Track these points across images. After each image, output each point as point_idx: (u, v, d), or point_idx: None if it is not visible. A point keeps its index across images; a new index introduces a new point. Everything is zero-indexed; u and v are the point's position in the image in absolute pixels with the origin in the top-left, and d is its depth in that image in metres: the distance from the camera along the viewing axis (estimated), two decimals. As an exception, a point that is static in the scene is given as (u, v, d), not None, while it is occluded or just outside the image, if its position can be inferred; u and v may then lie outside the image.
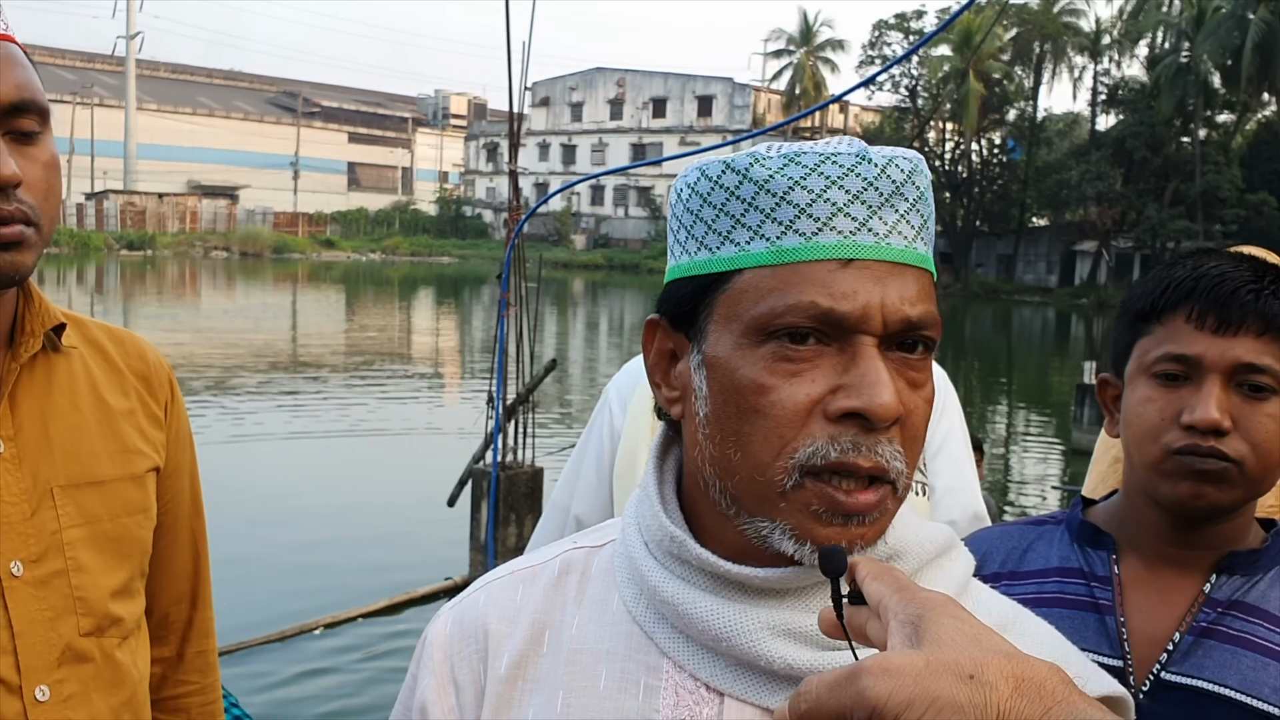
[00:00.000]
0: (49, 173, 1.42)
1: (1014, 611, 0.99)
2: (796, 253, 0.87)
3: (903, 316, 0.86)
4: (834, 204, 0.87)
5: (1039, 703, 0.60)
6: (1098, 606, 1.41)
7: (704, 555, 0.92)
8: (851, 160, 0.88)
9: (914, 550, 0.95)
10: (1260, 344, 1.33)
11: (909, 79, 58.46)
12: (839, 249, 0.86)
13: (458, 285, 49.43)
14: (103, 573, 1.51)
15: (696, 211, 0.92)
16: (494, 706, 0.97)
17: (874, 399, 0.83)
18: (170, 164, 69.38)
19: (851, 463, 0.84)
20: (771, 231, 0.87)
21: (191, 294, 39.73)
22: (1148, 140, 50.18)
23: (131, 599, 1.57)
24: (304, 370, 20.88)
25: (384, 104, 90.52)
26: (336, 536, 9.43)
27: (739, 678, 0.90)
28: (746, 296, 0.88)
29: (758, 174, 0.88)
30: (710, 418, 0.91)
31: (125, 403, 1.59)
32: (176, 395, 1.69)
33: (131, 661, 1.56)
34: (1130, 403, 1.42)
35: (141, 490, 1.57)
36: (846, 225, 0.86)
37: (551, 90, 74.91)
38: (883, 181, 0.88)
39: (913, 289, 0.88)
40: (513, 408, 8.15)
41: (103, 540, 1.51)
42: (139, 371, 1.63)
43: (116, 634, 1.53)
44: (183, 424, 1.69)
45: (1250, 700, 1.30)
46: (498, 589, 1.04)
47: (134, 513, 1.55)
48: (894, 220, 0.88)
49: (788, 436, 0.86)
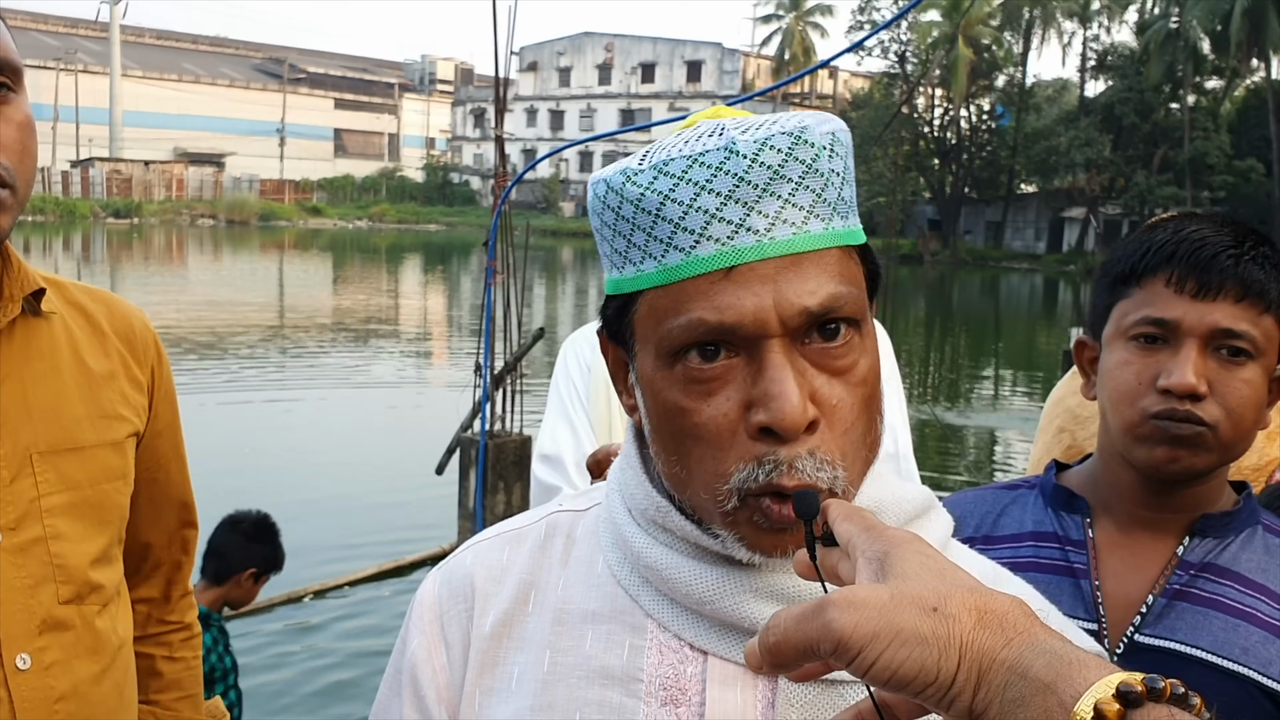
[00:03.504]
0: (23, 133, 1.41)
1: (994, 572, 1.01)
2: (680, 270, 0.85)
3: (800, 310, 0.83)
4: (706, 211, 0.84)
5: (1001, 634, 0.61)
6: (1072, 570, 1.43)
7: (687, 527, 0.92)
8: (719, 158, 0.84)
9: (891, 510, 0.95)
10: (1239, 309, 1.33)
11: (898, 44, 58.18)
12: (718, 259, 0.84)
13: (445, 253, 49.22)
14: (82, 540, 1.50)
15: (599, 229, 0.92)
16: (479, 664, 0.98)
17: (778, 414, 0.82)
18: (156, 131, 68.83)
19: (777, 484, 0.83)
20: (656, 250, 0.86)
21: (178, 262, 39.52)
22: (1137, 106, 50.08)
23: (110, 565, 1.57)
24: (290, 339, 20.82)
25: (370, 70, 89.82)
26: (324, 504, 9.42)
27: (723, 637, 0.91)
28: (650, 319, 0.88)
29: (631, 193, 0.87)
30: (654, 435, 0.92)
31: (107, 365, 1.58)
32: (163, 357, 1.68)
33: (112, 628, 1.56)
34: (1107, 365, 1.42)
35: (121, 456, 1.57)
36: (722, 231, 0.83)
37: (539, 55, 74.40)
38: (756, 171, 0.83)
39: (811, 277, 0.84)
40: (500, 376, 8.14)
41: (83, 507, 1.50)
42: (123, 334, 1.62)
43: (96, 601, 1.53)
44: (170, 386, 1.69)
45: (1222, 661, 1.32)
46: (485, 549, 1.05)
47: (114, 479, 1.55)
48: (776, 208, 0.84)
49: (721, 460, 0.85)
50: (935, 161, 58.39)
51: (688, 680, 0.92)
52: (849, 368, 0.87)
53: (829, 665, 0.67)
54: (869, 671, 0.62)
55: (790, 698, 0.89)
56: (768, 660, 0.67)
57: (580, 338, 2.44)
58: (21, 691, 1.42)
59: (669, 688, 0.92)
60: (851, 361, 0.87)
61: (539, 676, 0.95)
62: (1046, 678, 0.58)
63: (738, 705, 0.90)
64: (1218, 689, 1.30)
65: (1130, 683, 0.57)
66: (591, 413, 2.32)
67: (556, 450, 2.34)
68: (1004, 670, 0.60)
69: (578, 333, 2.48)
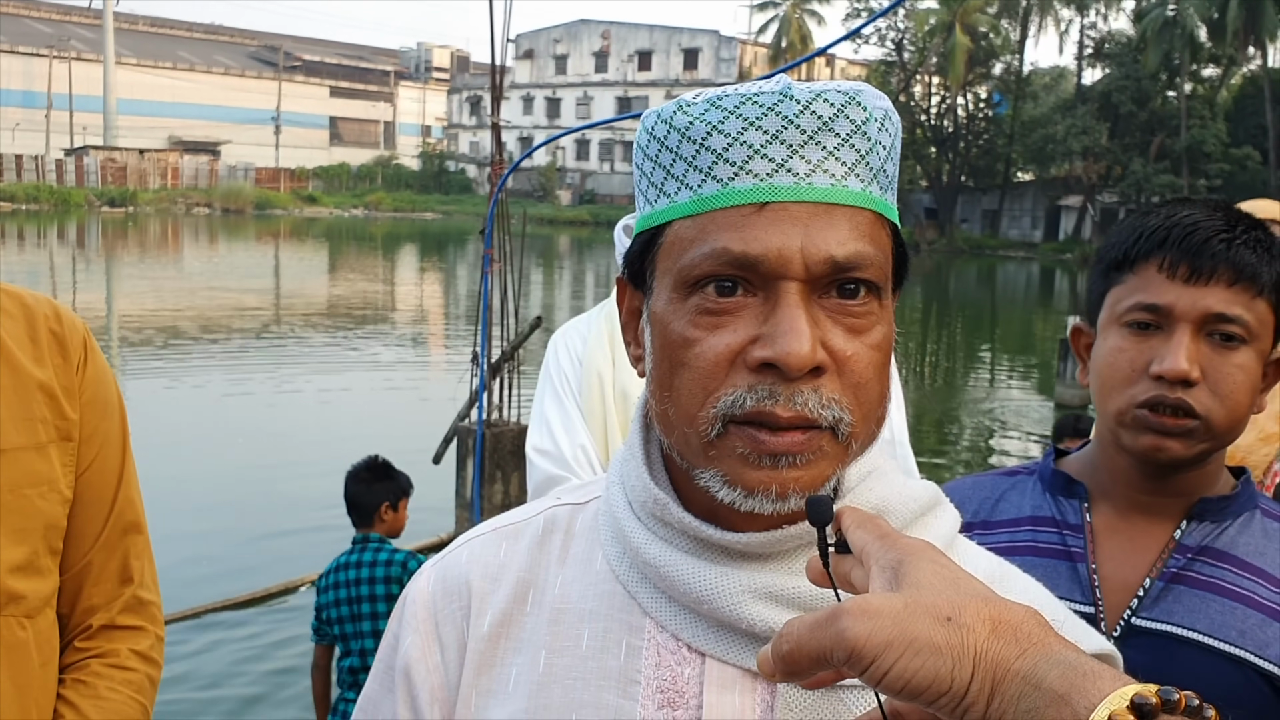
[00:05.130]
0: None
1: (1000, 568, 1.00)
2: (714, 200, 0.84)
3: (826, 257, 0.82)
4: (750, 146, 0.84)
5: (1015, 644, 0.60)
6: (1070, 554, 1.43)
7: (686, 519, 0.91)
8: (773, 99, 0.84)
9: (898, 508, 0.94)
10: (1231, 294, 1.33)
11: (895, 32, 58.07)
12: (754, 193, 0.83)
13: (441, 242, 49.15)
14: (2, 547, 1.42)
15: (640, 164, 0.92)
16: (476, 666, 0.96)
17: (784, 348, 0.80)
18: (151, 119, 68.62)
19: (769, 411, 0.82)
20: (694, 180, 0.86)
21: (174, 251, 39.45)
22: (1133, 94, 50.05)
23: (36, 576, 1.47)
24: (287, 328, 20.80)
25: (366, 57, 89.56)
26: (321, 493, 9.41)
27: (720, 639, 0.90)
28: (674, 249, 0.87)
29: (680, 121, 0.86)
30: (653, 374, 0.90)
31: (40, 372, 1.50)
32: (92, 358, 1.57)
33: (35, 643, 1.47)
34: (1100, 352, 1.42)
35: (45, 461, 1.48)
36: (763, 167, 0.83)
37: (535, 42, 74.24)
38: (805, 118, 0.84)
39: (843, 229, 0.84)
40: (498, 365, 8.14)
41: (2, 512, 1.42)
42: (55, 336, 1.53)
43: (16, 611, 1.44)
44: (99, 389, 1.57)
45: (1218, 644, 1.32)
46: (480, 546, 1.03)
47: (37, 484, 1.46)
48: (819, 158, 0.84)
49: (710, 387, 0.84)
50: (932, 150, 58.31)
51: (685, 682, 0.90)
52: (866, 328, 0.85)
53: (841, 674, 0.66)
54: (882, 680, 0.62)
55: (789, 702, 0.88)
56: (780, 668, 0.66)
57: (571, 330, 2.40)
58: None
59: (666, 690, 0.90)
60: (869, 323, 0.85)
61: (535, 678, 0.93)
62: (1061, 688, 0.58)
63: (736, 709, 0.88)
64: (1214, 672, 1.31)
65: (1145, 694, 0.56)
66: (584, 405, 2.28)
67: (553, 443, 2.27)
68: (1018, 681, 0.59)
69: (568, 325, 2.43)
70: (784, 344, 0.81)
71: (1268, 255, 1.35)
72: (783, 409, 0.82)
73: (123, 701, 1.56)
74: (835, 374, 0.84)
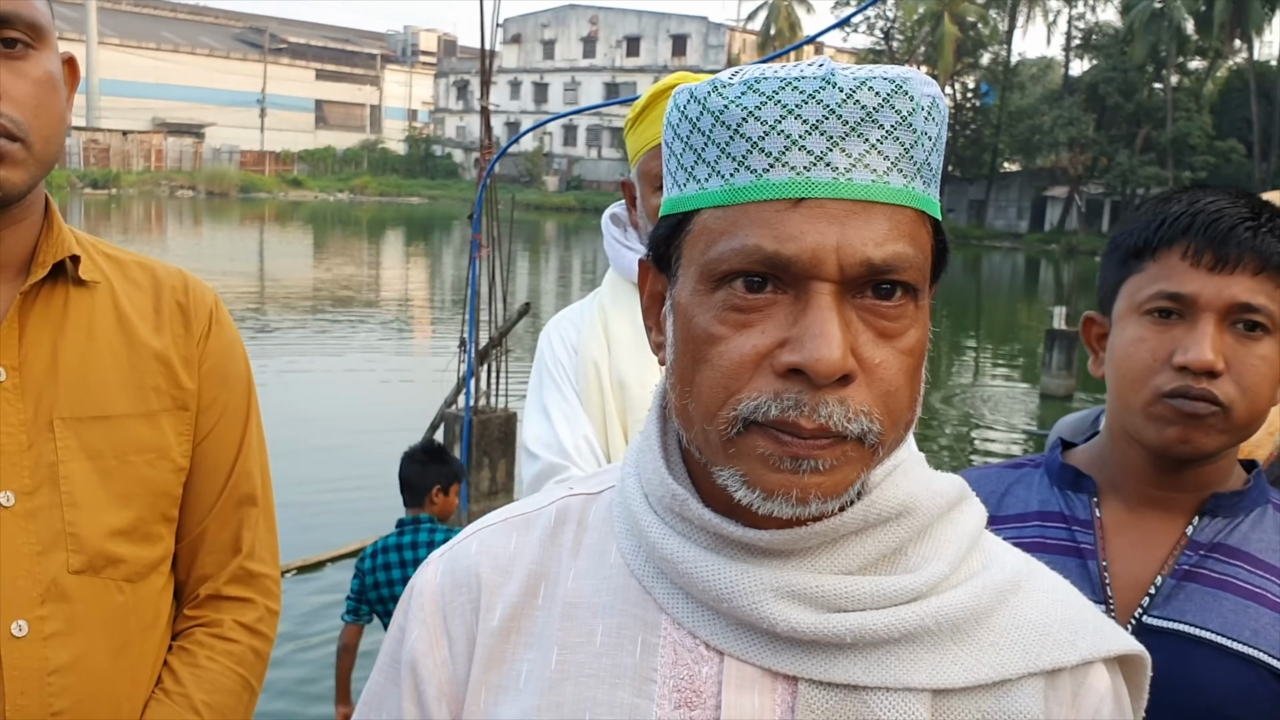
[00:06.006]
0: (40, 89, 1.39)
1: (1027, 566, 0.96)
2: (747, 192, 0.80)
3: (862, 259, 0.78)
4: (788, 136, 0.79)
5: None
6: (1079, 550, 1.39)
7: (706, 515, 0.87)
8: (814, 85, 0.79)
9: (925, 504, 0.90)
10: (1256, 283, 1.30)
11: (884, 21, 58.11)
12: (789, 187, 0.79)
13: (427, 227, 48.96)
14: (102, 510, 1.45)
15: (670, 143, 0.88)
16: (485, 660, 0.93)
17: (813, 354, 0.77)
18: (134, 101, 68.09)
19: (793, 422, 0.78)
20: (726, 168, 0.81)
21: (157, 233, 39.20)
22: (1120, 86, 50.16)
23: (142, 542, 1.50)
24: (271, 313, 20.70)
25: (352, 40, 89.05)
26: (307, 480, 9.38)
27: (740, 638, 0.86)
28: (702, 239, 0.83)
29: (714, 104, 0.82)
30: (674, 366, 0.87)
31: (157, 341, 1.54)
32: (217, 330, 1.62)
33: (134, 607, 1.49)
34: (1119, 342, 1.38)
35: (156, 429, 1.51)
36: (801, 160, 0.79)
37: (523, 27, 73.94)
38: (848, 108, 0.79)
39: (881, 228, 0.79)
40: (485, 351, 8.10)
41: (105, 477, 1.45)
42: (180, 307, 1.58)
43: (115, 575, 1.47)
44: (221, 360, 1.61)
45: (1231, 643, 1.29)
46: (490, 536, 0.99)
47: (144, 451, 1.49)
48: (861, 151, 0.79)
49: (733, 388, 0.80)
50: (919, 139, 58.31)
51: (703, 682, 0.87)
52: (899, 332, 0.82)
53: None
54: None
55: (810, 703, 0.85)
56: None
57: (564, 320, 2.35)
58: (13, 659, 1.37)
59: (683, 689, 0.87)
60: (903, 327, 0.82)
61: (547, 674, 0.90)
62: None
63: (755, 710, 0.85)
64: (1226, 672, 1.28)
65: None
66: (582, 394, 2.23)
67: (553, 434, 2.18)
68: None
69: (560, 315, 2.38)
70: (813, 349, 0.77)
71: None
72: (807, 420, 0.78)
73: (220, 671, 1.58)
74: (864, 383, 0.80)
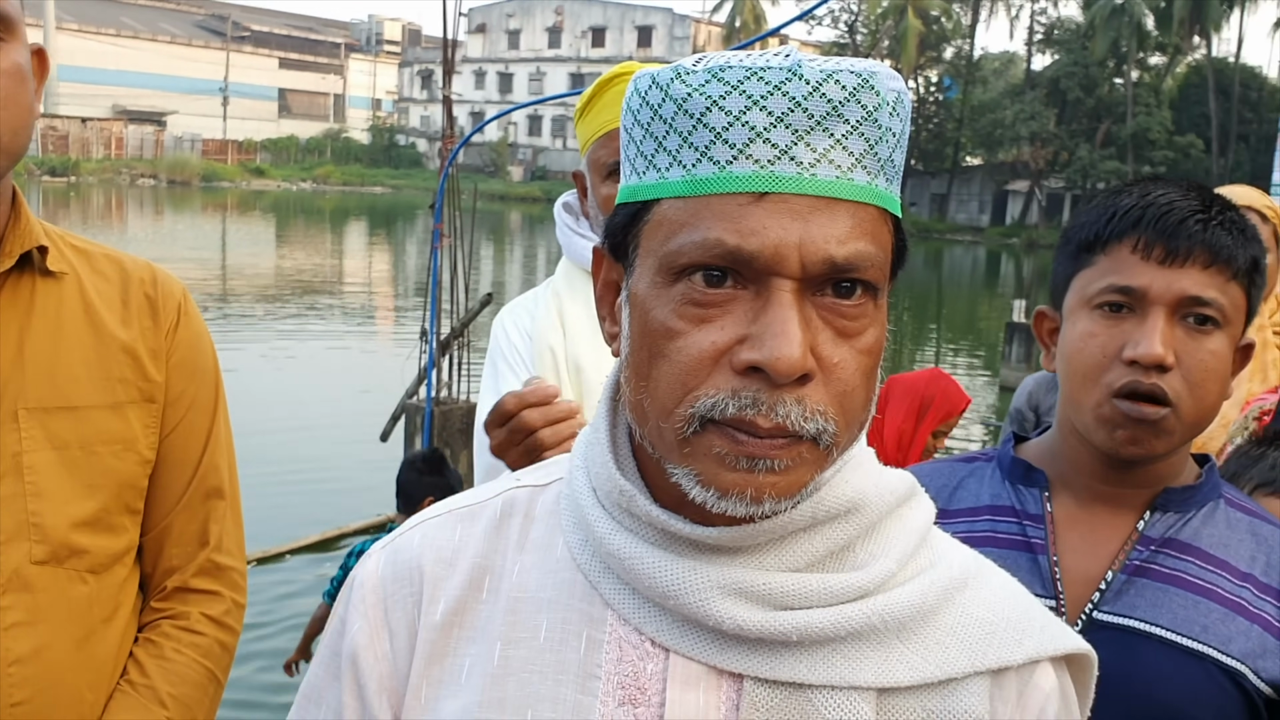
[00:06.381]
0: (9, 81, 1.37)
1: (975, 564, 0.95)
2: (709, 184, 0.79)
3: (824, 257, 0.78)
4: (753, 128, 0.78)
5: None
6: (1030, 545, 1.39)
7: (654, 512, 0.86)
8: (780, 76, 0.78)
9: (874, 501, 0.90)
10: (1207, 276, 1.29)
11: (848, 14, 58.22)
12: (753, 180, 0.78)
13: (390, 216, 48.69)
14: (67, 501, 1.44)
15: (630, 129, 0.86)
16: (427, 655, 0.92)
17: (773, 353, 0.76)
18: (94, 87, 67.17)
19: (749, 420, 0.78)
20: (688, 158, 0.80)
21: (118, 222, 38.74)
22: (1081, 81, 50.58)
23: (106, 533, 1.49)
24: (232, 302, 20.51)
25: (316, 29, 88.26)
26: (267, 471, 9.30)
27: (685, 635, 0.86)
28: (662, 229, 0.82)
29: (677, 91, 0.80)
30: (630, 359, 0.85)
31: (124, 333, 1.53)
32: (185, 322, 1.60)
33: (97, 598, 1.48)
34: (1069, 337, 1.37)
35: (122, 420, 1.50)
36: (765, 153, 0.78)
37: (488, 16, 73.57)
38: (814, 101, 0.78)
39: (844, 226, 0.78)
40: (447, 342, 8.05)
41: (71, 467, 1.44)
42: (148, 300, 1.57)
43: (79, 566, 1.45)
44: (190, 352, 1.60)
45: (1181, 639, 1.29)
46: (434, 528, 0.97)
47: (110, 442, 1.48)
48: (826, 146, 0.78)
49: (690, 384, 0.79)
50: (883, 132, 58.55)
51: (648, 679, 0.86)
52: (858, 332, 0.81)
53: None
54: None
55: (755, 701, 0.84)
56: None
57: (518, 306, 2.32)
58: None
59: (628, 686, 0.86)
60: (862, 326, 0.81)
61: (489, 670, 0.89)
62: None
63: (699, 707, 0.85)
64: (1176, 668, 1.28)
65: None
66: None
67: None
68: None
69: (514, 302, 2.35)
70: (773, 348, 0.76)
71: (1243, 238, 1.31)
72: (764, 419, 0.78)
73: (187, 664, 1.57)
74: (821, 382, 0.79)
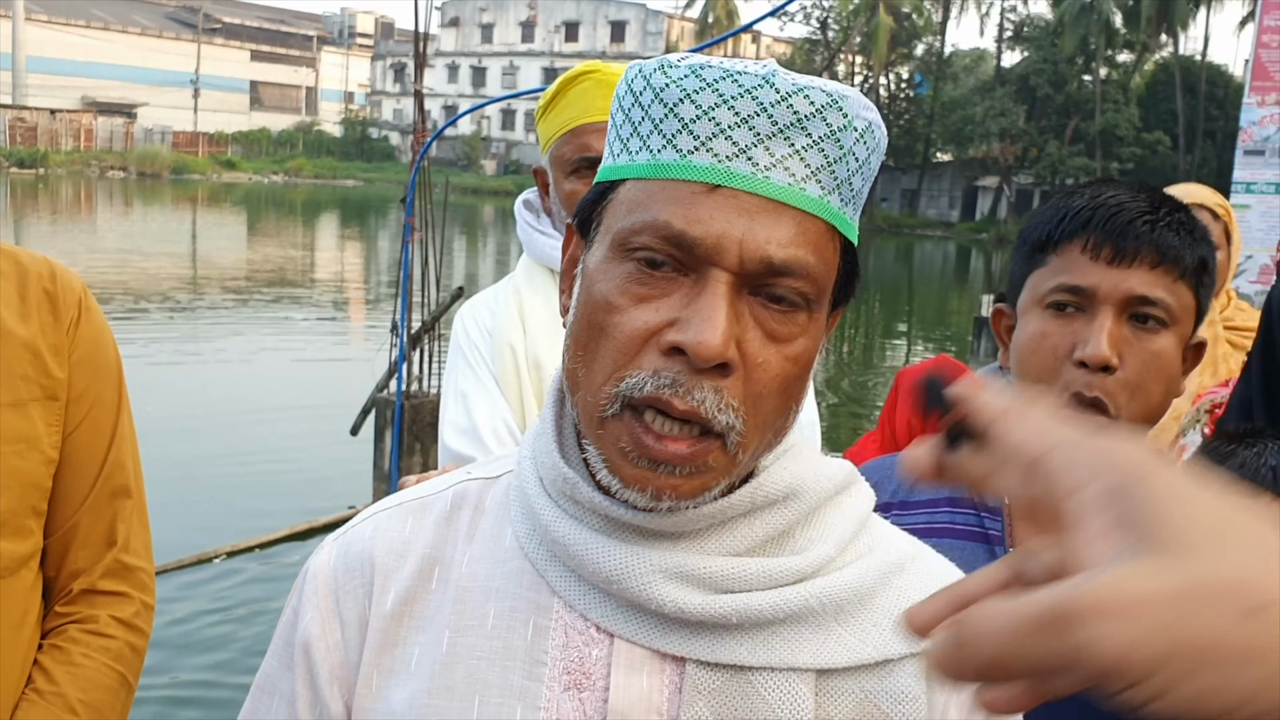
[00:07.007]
0: None
1: (913, 549, 0.97)
2: (669, 169, 0.83)
3: (763, 256, 0.81)
4: (717, 124, 0.82)
5: None
6: (987, 537, 1.42)
7: (596, 499, 0.88)
8: (754, 81, 0.82)
9: (812, 488, 0.91)
10: (1154, 275, 1.32)
11: (820, 11, 58.33)
12: (708, 172, 0.81)
13: (362, 209, 48.45)
14: None
15: (614, 115, 0.91)
16: (377, 644, 0.93)
17: (695, 336, 0.79)
18: (63, 79, 66.53)
19: (665, 400, 0.80)
20: (655, 144, 0.84)
21: (87, 214, 38.41)
22: (1051, 78, 50.93)
23: (12, 537, 1.45)
24: (201, 295, 20.38)
25: (288, 21, 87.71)
26: (236, 464, 9.28)
27: (629, 619, 0.88)
28: (621, 208, 0.86)
29: (657, 81, 0.85)
30: (572, 329, 0.88)
31: (24, 329, 1.49)
32: (86, 318, 1.56)
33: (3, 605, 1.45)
34: (1022, 336, 1.40)
35: (25, 419, 1.46)
36: (725, 149, 0.81)
37: (461, 10, 73.33)
38: (780, 110, 0.81)
39: (787, 231, 0.81)
40: (417, 336, 8.05)
41: None
42: (48, 295, 1.52)
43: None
44: (92, 348, 1.56)
45: None
46: (385, 520, 1.00)
47: (13, 441, 1.44)
48: (784, 154, 0.82)
49: (619, 362, 0.82)
50: (855, 128, 58.75)
51: (593, 664, 0.88)
52: (787, 338, 0.83)
53: None
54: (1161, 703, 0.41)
55: (698, 684, 0.86)
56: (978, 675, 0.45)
57: (478, 303, 2.33)
58: None
59: (573, 671, 0.88)
60: (791, 333, 0.83)
61: (438, 657, 0.91)
62: None
63: (644, 691, 0.86)
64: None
65: None
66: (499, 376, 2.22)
67: (469, 420, 2.17)
68: None
69: (473, 299, 2.36)
70: (697, 331, 0.79)
71: (1190, 238, 1.34)
72: (680, 401, 0.80)
73: (96, 669, 1.53)
74: (741, 378, 0.81)
